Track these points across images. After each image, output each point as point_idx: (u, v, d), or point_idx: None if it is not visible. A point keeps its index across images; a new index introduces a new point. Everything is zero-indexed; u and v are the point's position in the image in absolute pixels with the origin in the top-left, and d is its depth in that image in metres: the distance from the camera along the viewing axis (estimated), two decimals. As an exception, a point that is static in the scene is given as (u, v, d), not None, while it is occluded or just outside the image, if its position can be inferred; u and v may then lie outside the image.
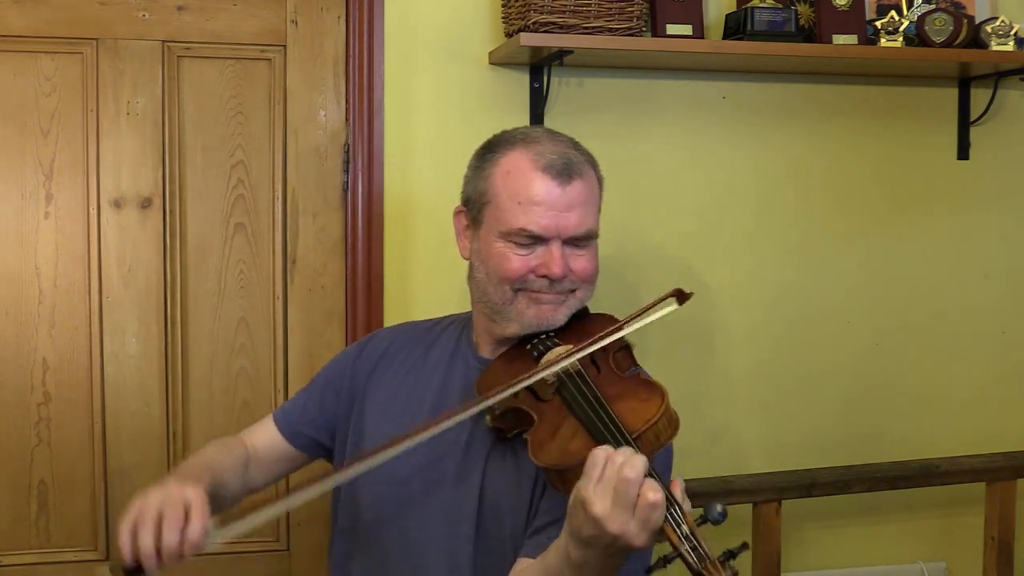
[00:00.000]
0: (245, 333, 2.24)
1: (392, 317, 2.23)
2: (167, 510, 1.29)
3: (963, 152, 2.52)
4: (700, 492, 2.18)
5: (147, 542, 1.28)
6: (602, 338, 1.41)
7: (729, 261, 2.42)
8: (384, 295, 2.23)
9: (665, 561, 1.16)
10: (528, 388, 1.39)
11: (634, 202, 2.35)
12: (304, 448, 1.68)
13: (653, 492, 1.15)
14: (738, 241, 2.42)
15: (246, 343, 2.24)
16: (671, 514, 1.18)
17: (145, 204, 2.18)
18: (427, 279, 2.26)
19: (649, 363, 2.35)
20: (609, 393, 1.36)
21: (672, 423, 1.31)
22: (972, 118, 2.51)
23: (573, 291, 1.50)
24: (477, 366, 1.56)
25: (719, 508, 1.18)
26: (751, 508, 2.28)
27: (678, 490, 1.19)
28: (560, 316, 1.49)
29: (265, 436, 1.68)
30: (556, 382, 1.39)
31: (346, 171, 2.24)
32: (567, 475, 1.26)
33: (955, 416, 2.57)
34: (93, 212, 2.16)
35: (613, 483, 1.16)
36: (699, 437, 2.41)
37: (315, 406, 1.68)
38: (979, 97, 2.50)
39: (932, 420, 2.55)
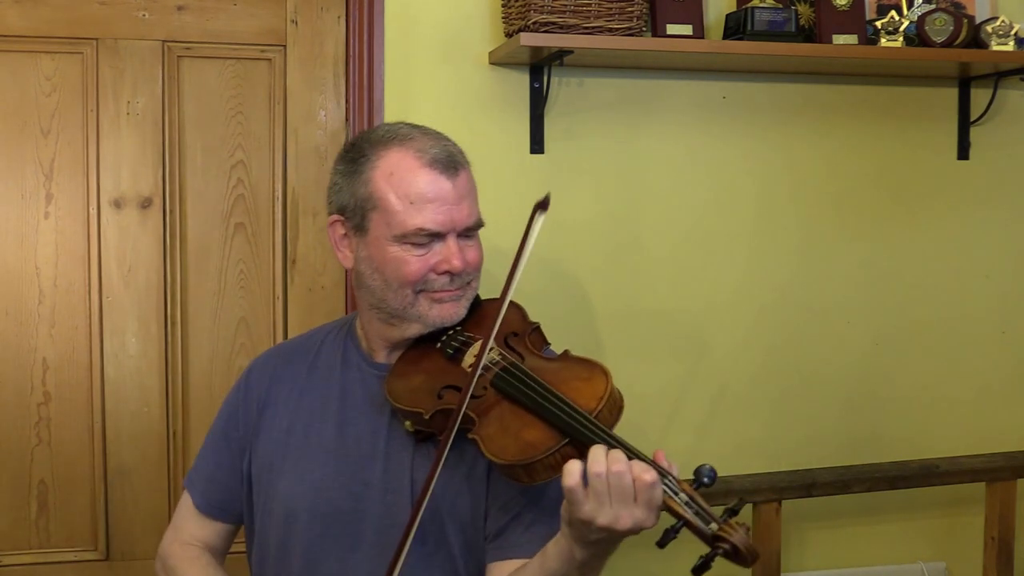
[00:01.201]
0: (245, 333, 2.24)
1: (392, 317, 2.23)
2: None
3: (963, 152, 2.52)
4: (700, 492, 2.18)
5: None
6: (502, 303, 1.38)
7: (729, 261, 2.41)
8: (384, 295, 2.23)
9: (675, 531, 1.17)
10: (453, 386, 1.38)
11: (634, 202, 2.35)
12: (239, 520, 1.63)
13: (647, 473, 1.16)
14: (738, 241, 2.42)
15: (246, 343, 2.24)
16: (667, 485, 1.18)
17: (145, 204, 2.18)
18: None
19: (649, 363, 2.37)
20: (548, 378, 1.35)
21: (617, 398, 1.31)
22: (972, 118, 2.51)
23: (469, 283, 1.49)
24: (375, 372, 1.52)
25: (707, 468, 1.19)
26: (751, 508, 2.27)
27: (663, 459, 1.20)
28: (461, 311, 1.48)
29: (202, 529, 1.61)
30: (492, 376, 1.37)
31: (346, 171, 2.24)
32: (534, 467, 1.26)
33: (955, 416, 2.56)
34: (93, 212, 2.16)
35: (606, 488, 1.16)
36: (698, 437, 2.41)
37: (226, 472, 1.61)
38: (979, 97, 2.50)
39: (932, 420, 2.55)
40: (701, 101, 2.38)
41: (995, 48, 2.32)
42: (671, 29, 2.21)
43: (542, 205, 1.40)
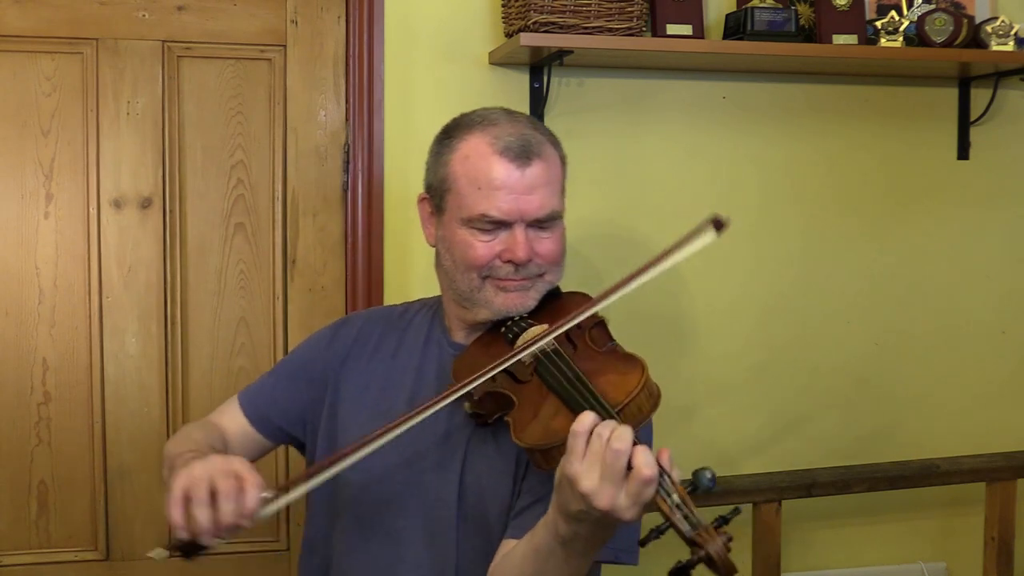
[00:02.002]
0: (245, 333, 2.24)
1: (392, 317, 2.23)
2: (219, 482, 1.24)
3: (963, 152, 2.52)
4: (697, 496, 2.18)
5: (204, 516, 1.22)
6: (581, 313, 1.39)
7: (729, 261, 2.41)
8: (384, 295, 2.23)
9: (658, 532, 1.15)
10: (506, 371, 1.37)
11: (634, 202, 2.35)
12: (273, 437, 1.64)
13: (648, 468, 1.13)
14: (738, 241, 2.42)
15: (246, 343, 2.24)
16: (661, 484, 1.16)
17: (145, 204, 2.18)
18: (427, 279, 2.24)
19: (648, 360, 2.36)
20: (587, 368, 1.34)
21: (653, 395, 1.31)
22: (972, 118, 2.51)
23: (541, 275, 1.48)
24: (451, 352, 1.54)
25: (708, 475, 1.17)
26: (751, 508, 2.27)
27: (666, 459, 1.18)
28: (529, 302, 1.47)
29: (233, 423, 1.62)
30: (534, 362, 1.38)
31: (346, 171, 2.24)
32: (552, 453, 1.26)
33: (955, 416, 2.56)
34: (93, 212, 2.16)
35: (600, 456, 1.14)
36: (699, 437, 2.41)
37: (284, 393, 1.63)
38: (979, 97, 2.50)
39: (932, 420, 2.55)
40: (701, 101, 2.38)
41: (995, 48, 2.32)
42: (671, 29, 2.21)
43: (717, 224, 1.40)
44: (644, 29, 2.19)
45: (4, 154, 2.12)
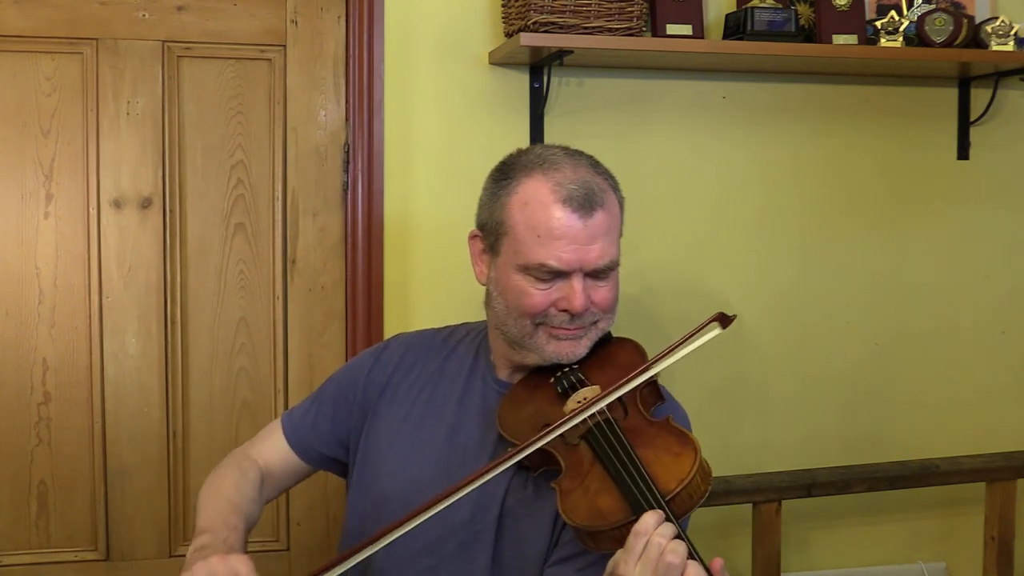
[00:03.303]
0: (245, 333, 2.24)
1: (392, 317, 2.23)
2: None
3: (963, 152, 2.52)
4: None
5: None
6: (633, 378, 1.36)
7: (729, 261, 2.42)
8: (384, 295, 2.23)
9: None
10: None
11: (634, 202, 2.32)
12: (317, 464, 1.65)
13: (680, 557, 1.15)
14: (738, 241, 2.42)
15: (246, 343, 2.24)
16: None
17: (145, 204, 2.18)
18: (427, 279, 2.26)
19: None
20: (639, 444, 1.31)
21: (705, 479, 1.28)
22: (972, 118, 2.51)
23: (595, 323, 1.45)
24: (496, 388, 1.52)
25: None
26: (751, 508, 2.28)
27: (719, 570, 1.18)
28: (581, 350, 1.45)
29: (276, 451, 1.63)
30: (585, 428, 1.35)
31: (346, 171, 2.24)
32: (599, 536, 1.25)
33: (955, 416, 2.57)
34: (93, 212, 2.16)
35: (654, 565, 1.15)
36: (699, 436, 2.40)
37: (326, 420, 1.63)
38: (979, 97, 2.50)
39: (932, 420, 2.55)
40: (701, 101, 2.38)
41: (995, 48, 2.32)
42: (671, 29, 2.21)
43: (723, 321, 1.39)
44: (644, 29, 2.19)
45: (4, 154, 2.12)
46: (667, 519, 1.20)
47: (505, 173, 1.47)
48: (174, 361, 2.21)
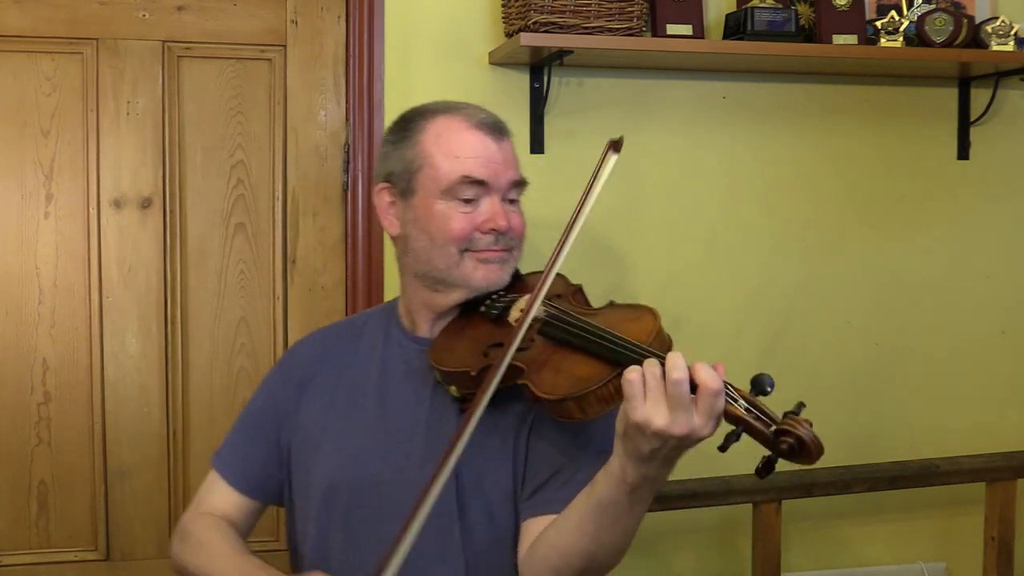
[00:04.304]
0: (245, 333, 2.24)
1: (392, 317, 2.23)
2: None
3: (963, 152, 2.52)
4: (700, 492, 2.18)
5: None
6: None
7: (729, 260, 2.41)
8: (384, 295, 2.23)
9: (736, 436, 1.19)
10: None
11: (634, 202, 2.35)
12: (265, 497, 1.61)
13: (713, 381, 1.16)
14: (738, 241, 2.42)
15: (246, 343, 2.24)
16: (727, 392, 1.18)
17: (145, 204, 2.18)
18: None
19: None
20: (596, 321, 1.35)
21: (667, 334, 1.32)
22: (972, 118, 2.51)
23: (511, 249, 1.50)
24: (417, 346, 1.52)
25: (767, 378, 1.20)
26: (751, 508, 2.27)
27: (722, 370, 1.20)
28: (505, 275, 1.49)
29: (225, 500, 1.59)
30: (539, 325, 1.38)
31: (346, 171, 2.24)
32: (587, 399, 1.26)
33: (955, 416, 2.56)
34: (93, 212, 2.16)
35: (662, 392, 1.15)
36: (699, 437, 2.41)
37: (262, 449, 1.59)
38: (979, 97, 2.50)
39: (932, 420, 2.55)
40: (701, 101, 2.38)
41: (995, 48, 2.32)
42: (671, 29, 2.21)
43: (615, 146, 1.43)
44: (644, 29, 2.19)
45: (4, 154, 2.12)
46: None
47: (408, 120, 1.53)
48: (174, 361, 2.21)
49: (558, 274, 1.50)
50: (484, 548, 1.44)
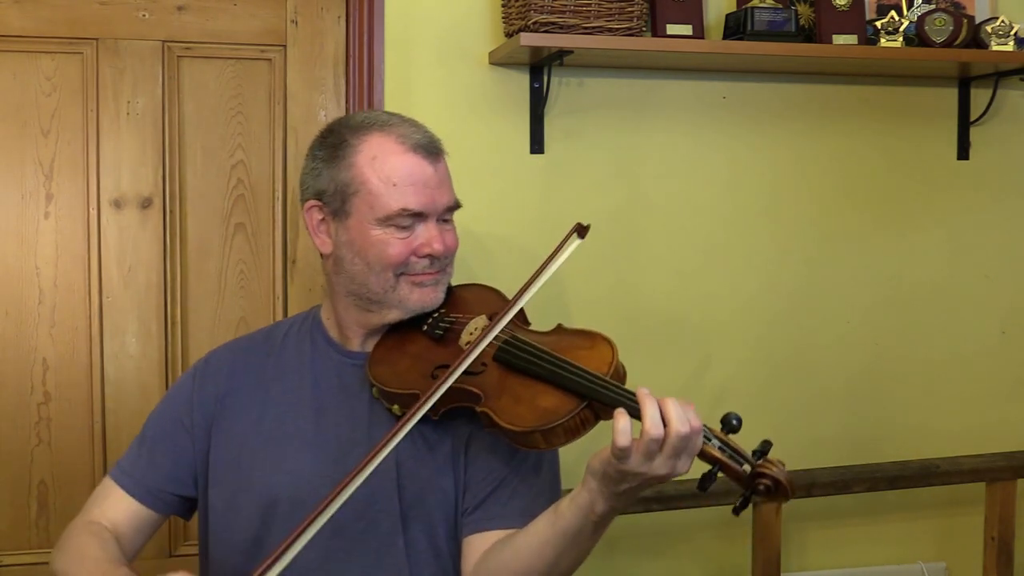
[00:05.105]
0: (245, 333, 2.24)
1: (392, 317, 2.23)
2: None
3: (963, 152, 2.52)
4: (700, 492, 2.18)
5: None
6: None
7: (728, 261, 2.41)
8: (384, 295, 2.23)
9: (712, 476, 1.22)
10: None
11: (633, 202, 2.35)
12: (166, 509, 1.57)
13: (694, 421, 1.21)
14: (737, 241, 2.42)
15: (246, 343, 2.24)
16: (704, 433, 1.23)
17: (145, 204, 2.18)
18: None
19: (650, 360, 2.36)
20: (551, 348, 1.36)
21: (623, 366, 1.35)
22: (972, 118, 2.51)
23: (445, 268, 1.51)
24: (350, 361, 1.52)
25: (733, 414, 1.24)
26: (751, 508, 2.27)
27: (694, 410, 1.24)
28: (440, 295, 1.50)
29: (119, 509, 1.54)
30: (494, 351, 1.39)
31: (346, 171, 2.24)
32: (554, 431, 1.27)
33: (955, 416, 2.56)
34: (93, 212, 2.16)
35: (673, 450, 1.20)
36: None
37: (166, 456, 1.55)
38: (979, 97, 2.50)
39: (932, 420, 2.55)
40: (701, 101, 2.38)
41: (995, 48, 2.32)
42: (671, 29, 2.21)
43: (581, 232, 1.45)
44: (644, 29, 2.19)
45: (4, 154, 2.12)
46: (630, 411, 1.23)
47: (338, 137, 1.50)
48: (174, 361, 2.21)
49: (493, 290, 1.56)
50: (428, 561, 1.45)
